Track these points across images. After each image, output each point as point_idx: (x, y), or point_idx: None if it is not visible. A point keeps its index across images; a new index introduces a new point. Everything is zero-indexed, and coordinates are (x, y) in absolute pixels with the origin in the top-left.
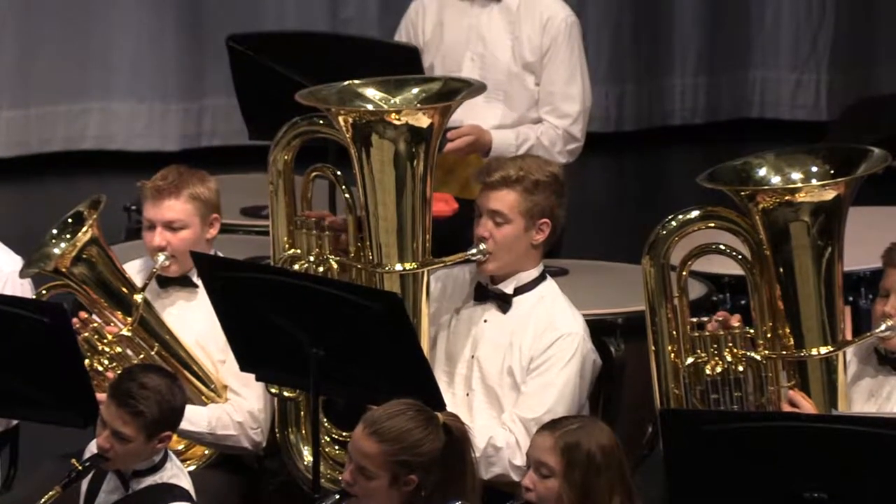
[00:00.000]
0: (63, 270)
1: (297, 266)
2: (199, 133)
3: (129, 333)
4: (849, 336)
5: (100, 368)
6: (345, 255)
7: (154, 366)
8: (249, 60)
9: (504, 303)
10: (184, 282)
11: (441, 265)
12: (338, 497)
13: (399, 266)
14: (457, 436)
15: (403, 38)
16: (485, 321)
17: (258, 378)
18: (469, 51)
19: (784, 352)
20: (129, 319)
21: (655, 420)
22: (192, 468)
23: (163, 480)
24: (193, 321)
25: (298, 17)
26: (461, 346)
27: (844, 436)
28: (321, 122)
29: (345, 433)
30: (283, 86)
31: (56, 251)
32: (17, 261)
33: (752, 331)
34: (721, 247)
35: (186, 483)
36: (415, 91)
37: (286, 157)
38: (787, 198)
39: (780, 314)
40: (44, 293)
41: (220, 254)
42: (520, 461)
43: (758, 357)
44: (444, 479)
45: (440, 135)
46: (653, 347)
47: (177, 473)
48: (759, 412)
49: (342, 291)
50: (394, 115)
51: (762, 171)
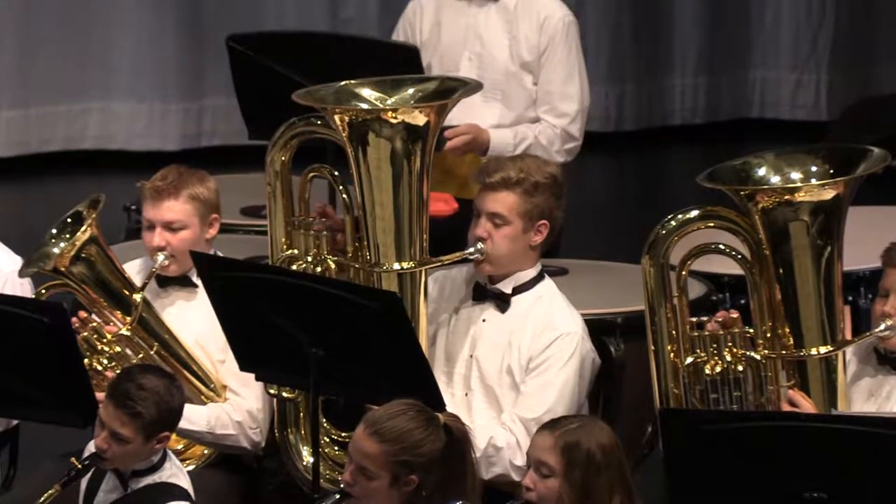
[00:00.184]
0: (62, 270)
1: (295, 266)
2: (199, 133)
3: (129, 333)
4: (848, 336)
5: (99, 368)
6: (342, 256)
7: (152, 366)
8: (249, 60)
9: (502, 302)
10: (183, 281)
11: (439, 264)
12: (338, 497)
13: (397, 265)
14: (457, 436)
15: (401, 38)
16: (483, 321)
17: (258, 378)
18: (467, 50)
19: (783, 351)
20: (129, 319)
21: (655, 420)
22: (192, 468)
23: (162, 480)
24: (193, 321)
25: (298, 17)
26: (460, 346)
27: (844, 435)
28: (318, 123)
29: (344, 433)
30: (283, 86)
31: (55, 250)
32: (17, 261)
33: (752, 330)
34: (720, 246)
35: (185, 483)
36: (411, 90)
37: (283, 158)
38: (787, 197)
39: (780, 314)
40: (43, 292)
41: (220, 253)
42: (520, 461)
43: (757, 357)
44: (445, 480)
45: (436, 133)
46: (652, 347)
47: (176, 473)
48: (759, 412)
49: (342, 291)
50: (390, 114)
51: (762, 171)
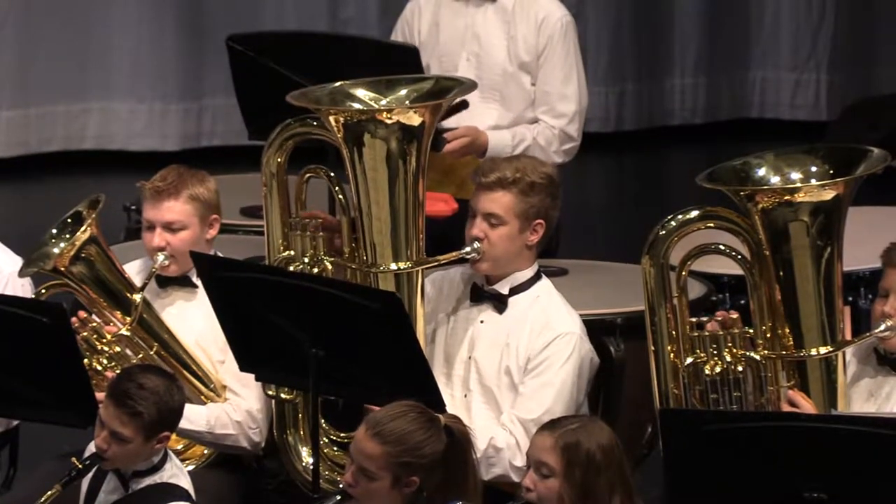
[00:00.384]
0: (62, 269)
1: (292, 268)
2: (199, 133)
3: (129, 333)
4: (848, 336)
5: (99, 368)
6: (339, 256)
7: (153, 366)
8: (249, 60)
9: (500, 303)
10: (183, 282)
11: (435, 264)
12: (339, 498)
13: (393, 266)
14: (458, 437)
15: (399, 39)
16: (481, 322)
17: (258, 378)
18: (465, 51)
19: (783, 352)
20: (129, 319)
21: (655, 420)
22: (192, 468)
23: (162, 480)
24: (193, 321)
25: (298, 18)
26: (458, 347)
27: (844, 436)
28: (314, 124)
29: (343, 434)
30: (283, 86)
31: (55, 250)
32: (17, 261)
33: (752, 331)
34: (720, 247)
35: (186, 483)
36: (406, 90)
37: (279, 160)
38: (787, 198)
39: (780, 314)
40: (43, 292)
41: (220, 254)
42: (520, 462)
43: (757, 357)
44: (446, 481)
45: (431, 133)
46: (652, 347)
47: (176, 473)
48: (759, 412)
49: (341, 291)
50: (385, 114)
51: (761, 171)
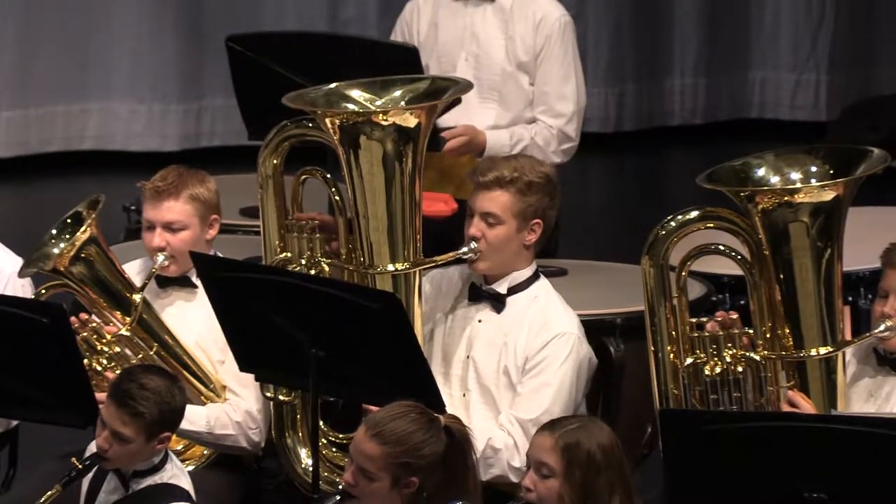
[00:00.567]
0: (62, 270)
1: (289, 269)
2: (199, 133)
3: (128, 333)
4: (848, 336)
5: (99, 368)
6: (336, 258)
7: (154, 367)
8: (249, 61)
9: (498, 303)
10: (183, 282)
11: (432, 265)
12: (338, 498)
13: (391, 266)
14: (458, 438)
15: (399, 39)
16: (479, 321)
17: (257, 378)
18: (463, 51)
19: (783, 352)
20: (128, 319)
21: (655, 420)
22: (191, 468)
23: (163, 481)
24: (193, 321)
25: (298, 18)
26: (456, 347)
27: (843, 436)
28: (310, 126)
29: (341, 436)
30: (283, 86)
31: (55, 251)
32: (18, 261)
33: (752, 331)
34: (720, 247)
35: (186, 483)
36: (401, 91)
37: (275, 161)
38: (787, 198)
39: (780, 314)
40: (43, 293)
41: (220, 254)
42: (518, 463)
43: (757, 357)
44: (446, 481)
45: (427, 134)
46: (652, 348)
47: (177, 474)
48: (759, 412)
49: (341, 291)
50: (380, 116)
51: (761, 172)
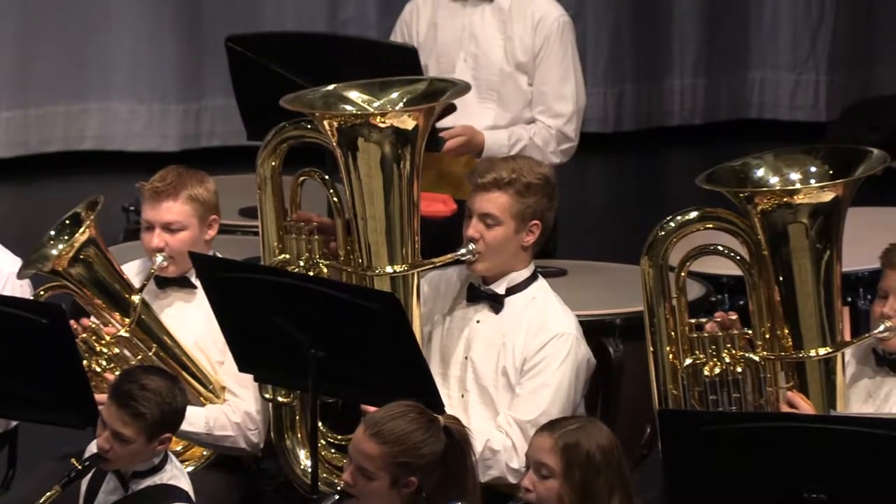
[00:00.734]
0: (61, 271)
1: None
2: (198, 134)
3: (127, 334)
4: (847, 337)
5: (98, 369)
6: (335, 259)
7: (155, 367)
8: (248, 61)
9: (496, 303)
10: (182, 283)
11: (431, 266)
12: (337, 498)
13: (389, 268)
14: (457, 438)
15: (398, 40)
16: (477, 322)
17: (257, 379)
18: (462, 51)
19: (782, 353)
20: (127, 320)
21: (654, 420)
22: (191, 469)
23: (162, 482)
24: (192, 322)
25: (297, 18)
26: (454, 347)
27: (842, 437)
28: (308, 127)
29: (340, 437)
30: (282, 87)
31: (54, 252)
32: (17, 262)
33: (751, 332)
34: (719, 248)
35: (186, 484)
36: (399, 92)
37: (273, 163)
38: (786, 199)
39: (779, 315)
40: (42, 294)
41: (219, 254)
42: (516, 464)
43: (756, 358)
44: (445, 481)
45: (426, 135)
46: (651, 348)
47: (176, 475)
48: (758, 413)
49: (340, 292)
50: (378, 118)
51: (761, 172)
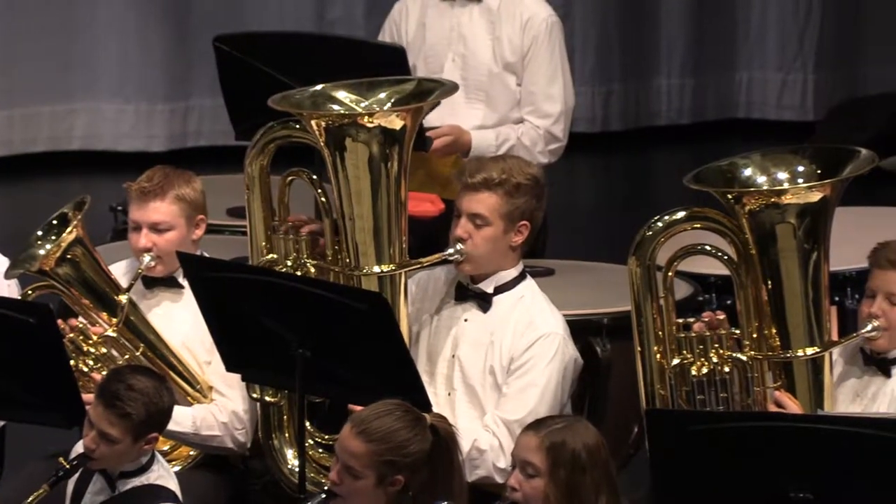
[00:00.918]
0: (48, 271)
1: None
2: (186, 133)
3: (115, 334)
4: (835, 336)
5: (85, 369)
6: (322, 259)
7: (142, 367)
8: (236, 61)
9: (484, 302)
10: (169, 282)
11: (418, 266)
12: (324, 497)
13: (377, 268)
14: (444, 436)
15: (387, 39)
16: (465, 320)
17: (244, 378)
18: (451, 51)
19: (770, 353)
20: (115, 320)
21: (641, 420)
22: (178, 469)
23: (149, 482)
24: (179, 322)
25: (285, 19)
26: (442, 346)
27: (830, 436)
28: (297, 127)
29: (327, 436)
30: (270, 86)
31: (41, 252)
32: (5, 262)
33: (738, 332)
34: (707, 247)
35: (173, 485)
36: (387, 92)
37: (262, 163)
38: (774, 200)
39: (767, 315)
40: (29, 294)
41: (206, 254)
42: (503, 464)
43: (744, 358)
44: (431, 480)
45: (413, 135)
46: (639, 348)
47: (163, 475)
48: (745, 412)
49: (328, 292)
50: (366, 118)
51: (748, 172)
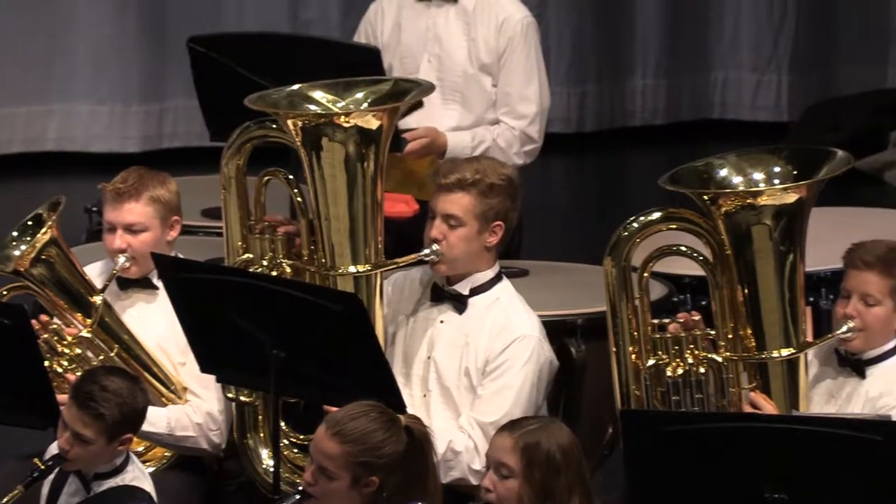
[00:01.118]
0: (22, 272)
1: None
2: (160, 134)
3: (89, 335)
4: (810, 337)
5: (59, 370)
6: (298, 259)
7: (116, 368)
8: (210, 62)
9: (460, 304)
10: (144, 283)
11: (394, 267)
12: (298, 497)
13: (352, 268)
14: (418, 438)
15: (362, 40)
16: (441, 322)
17: (219, 379)
18: (426, 52)
19: (745, 354)
20: (89, 321)
21: (616, 421)
22: (152, 469)
23: (124, 483)
24: (154, 323)
25: (259, 19)
26: (417, 347)
27: (805, 437)
28: (273, 127)
29: (302, 437)
30: (244, 87)
31: (15, 253)
32: None
33: (714, 332)
34: (682, 248)
35: (148, 486)
36: (364, 92)
37: (238, 163)
38: (749, 201)
39: (742, 315)
40: (4, 294)
41: (181, 255)
42: (478, 465)
43: (719, 359)
44: (406, 481)
45: (390, 136)
46: (614, 349)
47: (138, 476)
48: (720, 413)
49: (303, 293)
50: (343, 118)
51: (724, 173)
